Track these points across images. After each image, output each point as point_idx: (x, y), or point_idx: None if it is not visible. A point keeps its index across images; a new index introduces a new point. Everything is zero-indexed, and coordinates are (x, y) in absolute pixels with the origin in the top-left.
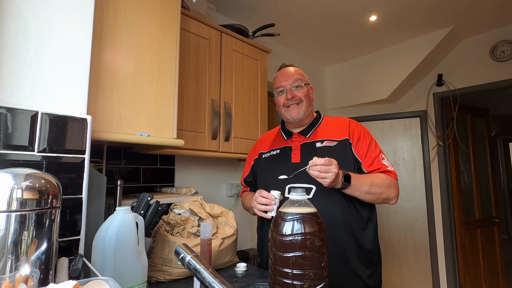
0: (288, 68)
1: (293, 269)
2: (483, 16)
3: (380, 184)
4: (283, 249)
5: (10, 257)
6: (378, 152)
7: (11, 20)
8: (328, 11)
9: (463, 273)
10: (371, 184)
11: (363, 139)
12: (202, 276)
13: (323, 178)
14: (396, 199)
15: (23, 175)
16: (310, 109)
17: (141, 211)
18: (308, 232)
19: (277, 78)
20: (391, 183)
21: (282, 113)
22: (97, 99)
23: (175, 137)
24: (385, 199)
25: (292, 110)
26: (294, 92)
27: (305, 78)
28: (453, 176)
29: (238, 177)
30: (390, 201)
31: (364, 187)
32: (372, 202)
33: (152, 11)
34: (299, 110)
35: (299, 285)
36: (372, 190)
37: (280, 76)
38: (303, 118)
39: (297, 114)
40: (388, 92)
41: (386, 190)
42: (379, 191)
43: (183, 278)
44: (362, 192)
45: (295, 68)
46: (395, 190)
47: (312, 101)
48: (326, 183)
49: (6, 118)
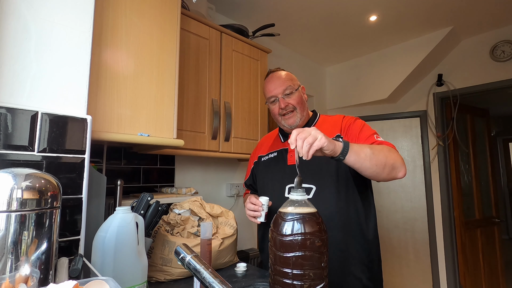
0: (276, 73)
1: (293, 269)
2: (483, 16)
3: (381, 149)
4: (283, 249)
5: (10, 257)
6: (372, 132)
7: (11, 20)
8: (328, 11)
9: (463, 273)
10: (371, 148)
11: (354, 126)
12: (202, 276)
13: (313, 140)
14: (405, 170)
15: (23, 175)
16: (305, 112)
17: (141, 211)
18: (308, 232)
19: (267, 87)
20: (392, 149)
21: (279, 122)
22: (97, 99)
23: (175, 137)
24: (393, 169)
25: (289, 119)
26: (287, 100)
27: (295, 82)
28: (453, 176)
29: (238, 177)
30: (398, 171)
31: (366, 149)
32: (378, 174)
33: (152, 11)
34: (295, 118)
35: (299, 285)
36: (376, 154)
37: (270, 85)
38: (299, 124)
39: (293, 121)
40: (388, 92)
41: (390, 154)
42: (382, 155)
43: (183, 278)
44: (366, 156)
45: (284, 73)
46: (399, 157)
47: (306, 102)
48: (321, 143)
49: (6, 118)
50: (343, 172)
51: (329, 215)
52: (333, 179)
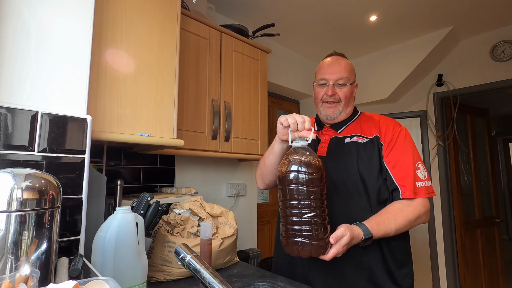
0: (338, 59)
1: (290, 200)
2: (483, 16)
3: (406, 215)
4: (283, 184)
5: (10, 257)
6: (414, 162)
7: (11, 20)
8: (328, 11)
9: (463, 273)
10: (395, 221)
11: (398, 145)
12: (202, 276)
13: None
14: (427, 220)
15: (23, 175)
16: (349, 109)
17: (141, 211)
18: (303, 171)
19: (323, 68)
20: (414, 212)
21: (318, 108)
22: (97, 99)
23: (175, 137)
24: (416, 225)
25: (329, 108)
26: (336, 90)
27: (352, 76)
28: (453, 176)
29: (238, 177)
30: (420, 223)
31: (391, 226)
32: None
33: (152, 11)
34: (335, 110)
35: (299, 213)
36: (401, 226)
37: (327, 67)
38: (338, 117)
39: (332, 113)
40: (388, 92)
41: (415, 220)
42: (407, 223)
43: (183, 278)
44: (391, 232)
45: (345, 62)
46: (424, 215)
47: (353, 101)
48: (348, 246)
49: (6, 118)
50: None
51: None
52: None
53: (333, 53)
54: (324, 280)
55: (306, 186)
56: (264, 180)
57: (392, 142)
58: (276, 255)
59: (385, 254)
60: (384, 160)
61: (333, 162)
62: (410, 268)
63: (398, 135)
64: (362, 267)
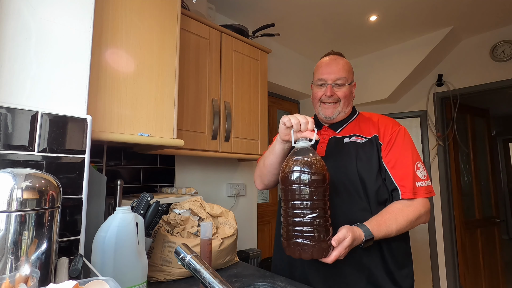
0: (336, 58)
1: (292, 200)
2: (483, 16)
3: (406, 215)
4: (285, 185)
5: (10, 257)
6: (414, 162)
7: (11, 20)
8: (328, 11)
9: (463, 273)
10: (396, 221)
11: (397, 144)
12: (202, 276)
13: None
14: (427, 220)
15: (23, 175)
16: (348, 108)
17: (141, 211)
18: (306, 171)
19: (321, 68)
20: (415, 212)
21: (316, 108)
22: (97, 99)
23: (175, 137)
24: (417, 225)
25: (327, 109)
26: (335, 90)
27: (350, 76)
28: (453, 176)
29: (238, 177)
30: (421, 223)
31: (392, 227)
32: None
33: (152, 11)
34: (334, 110)
35: (302, 213)
36: (402, 226)
37: (325, 67)
38: (336, 118)
39: (331, 113)
40: (388, 92)
41: (416, 220)
42: (408, 224)
43: (183, 278)
44: (392, 232)
45: (344, 61)
46: (425, 215)
47: (352, 100)
48: (350, 248)
49: (6, 118)
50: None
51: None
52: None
53: (331, 52)
54: (324, 282)
55: (309, 186)
56: (263, 181)
57: (391, 142)
58: (275, 256)
59: (385, 255)
60: (383, 160)
61: (332, 162)
62: (410, 268)
63: (397, 134)
64: (362, 268)
